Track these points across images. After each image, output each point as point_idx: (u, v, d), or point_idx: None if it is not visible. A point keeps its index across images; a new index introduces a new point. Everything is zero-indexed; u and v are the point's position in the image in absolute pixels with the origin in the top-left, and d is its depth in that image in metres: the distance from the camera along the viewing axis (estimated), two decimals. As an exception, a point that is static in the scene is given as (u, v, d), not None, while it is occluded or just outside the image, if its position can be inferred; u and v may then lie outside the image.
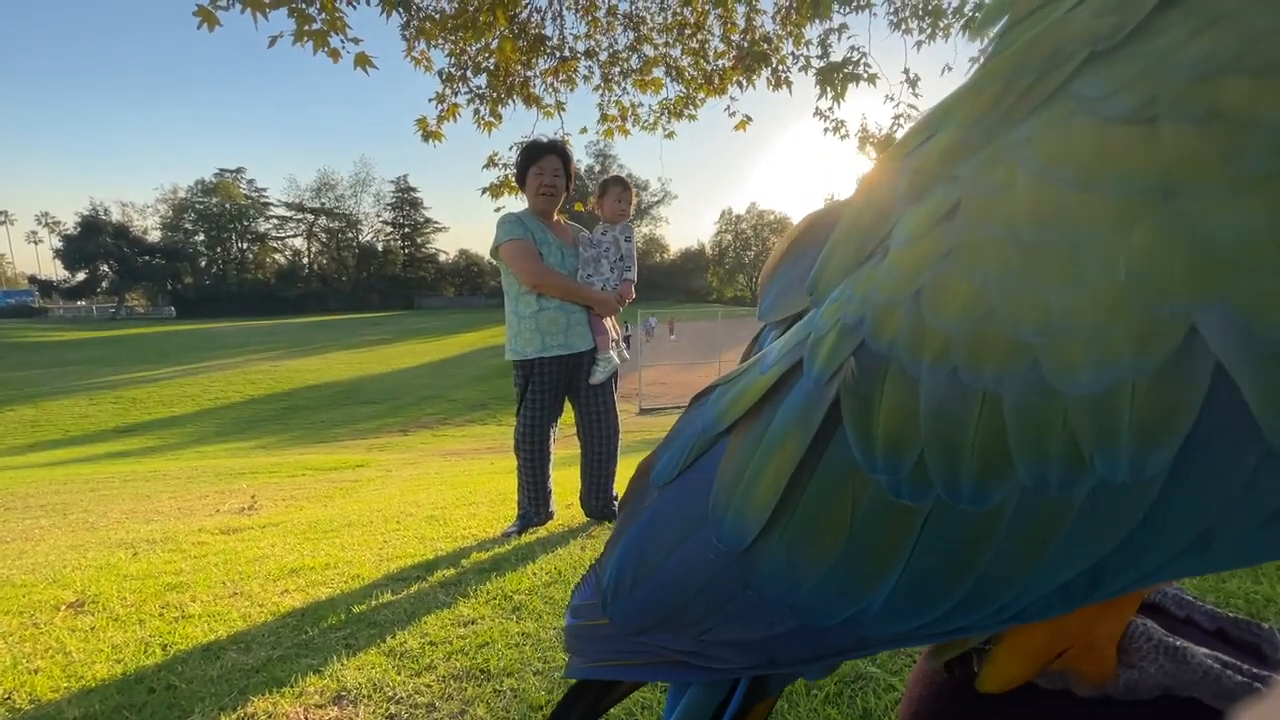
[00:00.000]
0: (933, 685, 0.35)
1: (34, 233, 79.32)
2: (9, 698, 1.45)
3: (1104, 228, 0.19)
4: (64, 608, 2.00)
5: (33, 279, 69.17)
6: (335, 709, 1.33)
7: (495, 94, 3.89)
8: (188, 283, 65.00)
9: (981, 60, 0.28)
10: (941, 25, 3.77)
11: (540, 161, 2.46)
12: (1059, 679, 0.30)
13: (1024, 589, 0.23)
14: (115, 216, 65.12)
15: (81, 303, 63.42)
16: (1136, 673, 0.29)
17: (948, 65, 3.96)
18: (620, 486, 2.72)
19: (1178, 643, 0.29)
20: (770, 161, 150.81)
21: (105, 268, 62.58)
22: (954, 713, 0.34)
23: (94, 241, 60.11)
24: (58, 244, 63.57)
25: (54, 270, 69.21)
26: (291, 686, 1.41)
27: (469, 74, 3.86)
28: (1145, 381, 0.18)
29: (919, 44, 3.84)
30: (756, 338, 0.39)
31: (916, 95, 4.01)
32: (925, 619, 0.25)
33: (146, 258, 63.38)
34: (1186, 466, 0.19)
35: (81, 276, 63.01)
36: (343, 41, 2.61)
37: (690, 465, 0.33)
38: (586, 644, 0.40)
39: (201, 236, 67.23)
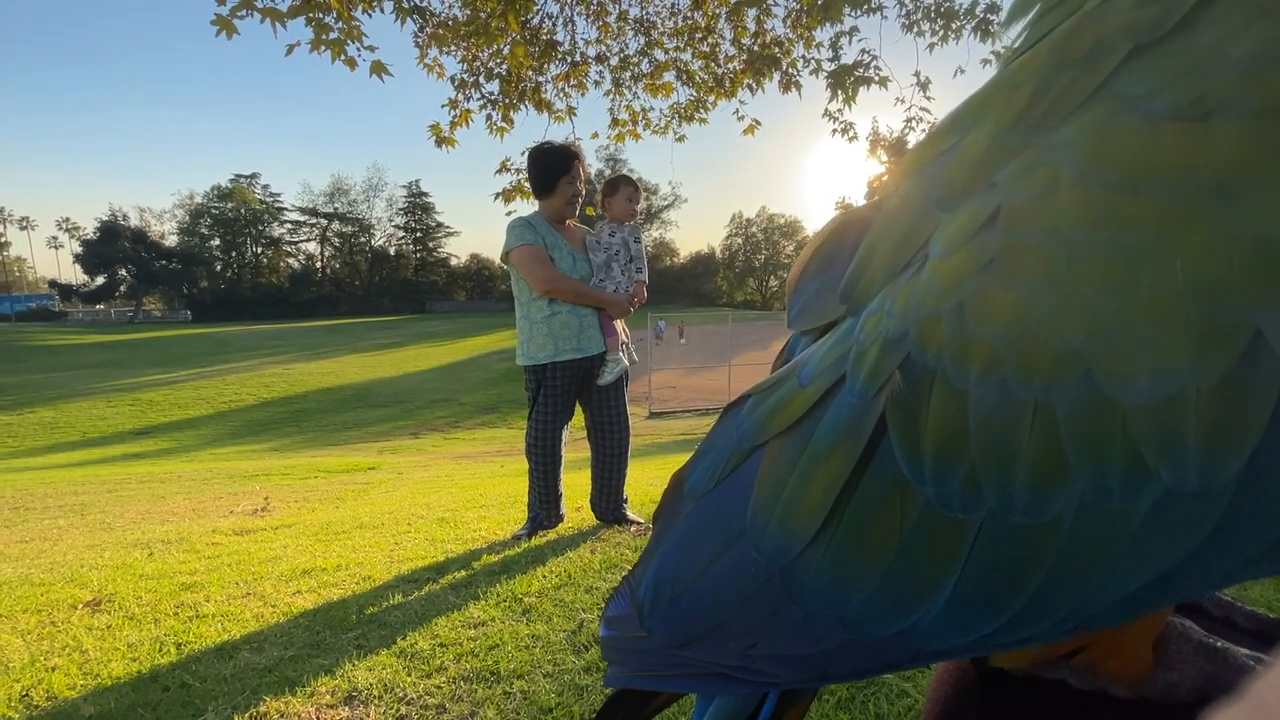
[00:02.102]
0: (959, 685, 0.35)
1: (54, 238, 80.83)
2: (27, 694, 1.47)
3: (1156, 231, 0.19)
4: (81, 606, 2.03)
5: (53, 283, 70.37)
6: (346, 709, 1.34)
7: (507, 99, 3.92)
8: (203, 287, 65.82)
9: (1012, 53, 0.27)
10: (954, 27, 3.75)
11: (573, 169, 2.45)
12: (1092, 679, 0.29)
13: (1086, 600, 0.22)
14: (133, 221, 66.17)
15: (100, 306, 64.49)
16: (1175, 674, 0.28)
17: (960, 68, 3.94)
18: (630, 489, 2.72)
19: (1218, 644, 0.28)
20: (781, 165, 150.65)
21: (123, 272, 63.52)
22: (981, 712, 0.33)
23: (113, 246, 61.06)
24: (77, 249, 64.65)
25: (74, 274, 70.46)
26: (303, 686, 1.42)
27: (481, 80, 3.89)
28: (1209, 388, 0.18)
29: (931, 46, 3.82)
30: (786, 345, 0.39)
31: (928, 98, 3.99)
32: (981, 632, 0.24)
33: (163, 262, 64.28)
34: (1261, 471, 0.18)
35: (100, 281, 63.99)
36: (359, 49, 2.64)
37: (726, 477, 0.32)
38: (625, 655, 0.39)
39: (217, 241, 68.07)
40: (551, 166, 2.48)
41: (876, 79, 3.67)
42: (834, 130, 4.07)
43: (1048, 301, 0.20)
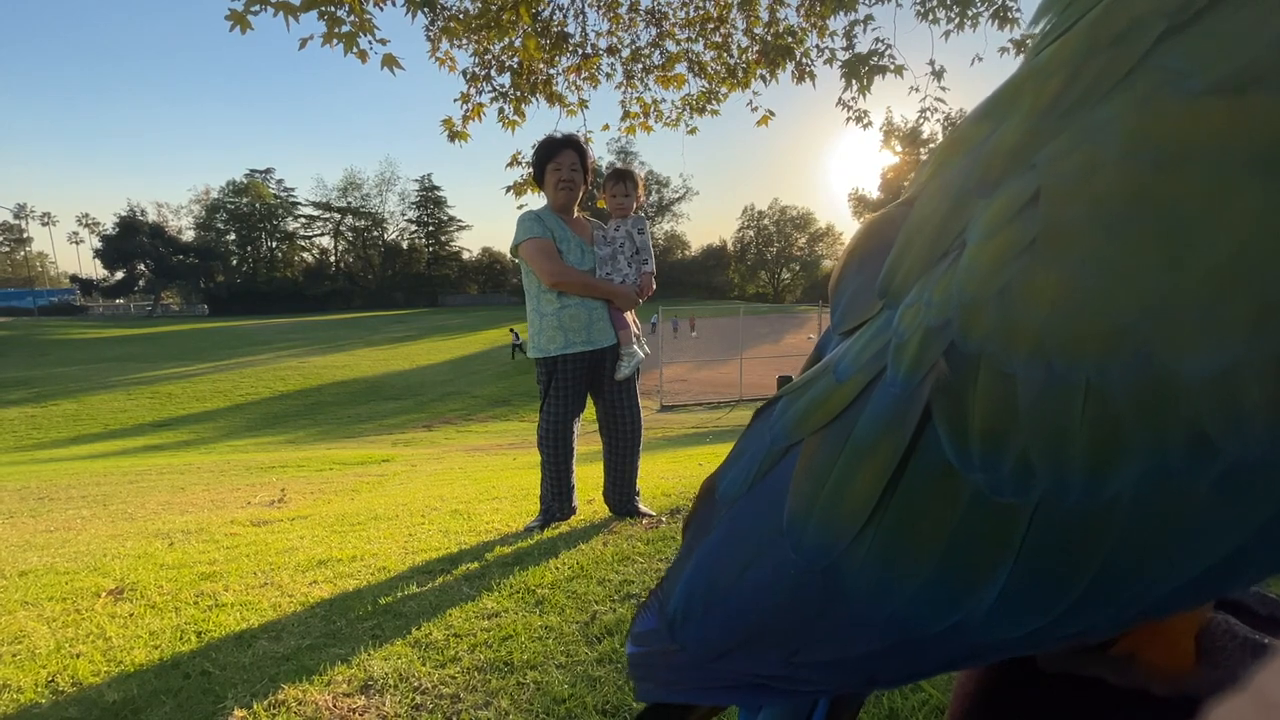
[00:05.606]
0: (988, 683, 0.34)
1: (75, 233, 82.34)
2: (53, 680, 1.50)
3: (1205, 203, 0.18)
4: (104, 595, 2.07)
5: (74, 278, 71.51)
6: (363, 698, 1.36)
7: (519, 93, 3.91)
8: (220, 281, 66.70)
9: (1041, 43, 0.27)
10: (970, 14, 3.69)
11: (557, 157, 2.48)
12: (1132, 675, 0.28)
13: (1149, 585, 0.21)
14: (151, 217, 67.25)
15: (120, 301, 65.52)
16: (1221, 672, 0.27)
17: (977, 55, 3.88)
18: (641, 482, 2.72)
19: (1266, 640, 0.27)
20: (794, 156, 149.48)
21: (142, 266, 64.47)
22: (1012, 712, 0.32)
23: (131, 241, 61.93)
24: (97, 244, 65.67)
25: (94, 269, 71.69)
26: (320, 675, 1.44)
27: (493, 73, 3.88)
28: (1271, 356, 0.17)
29: (946, 34, 3.76)
30: (818, 345, 0.38)
31: (943, 88, 3.93)
32: (1039, 622, 0.24)
33: (181, 257, 65.15)
34: None
35: (120, 275, 64.99)
36: (370, 42, 2.65)
37: (760, 479, 0.31)
38: (656, 671, 0.38)
39: (233, 236, 68.93)
40: (540, 157, 2.52)
41: (892, 68, 3.62)
42: (848, 119, 4.03)
43: (1096, 279, 0.20)
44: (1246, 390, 0.18)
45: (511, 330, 24.03)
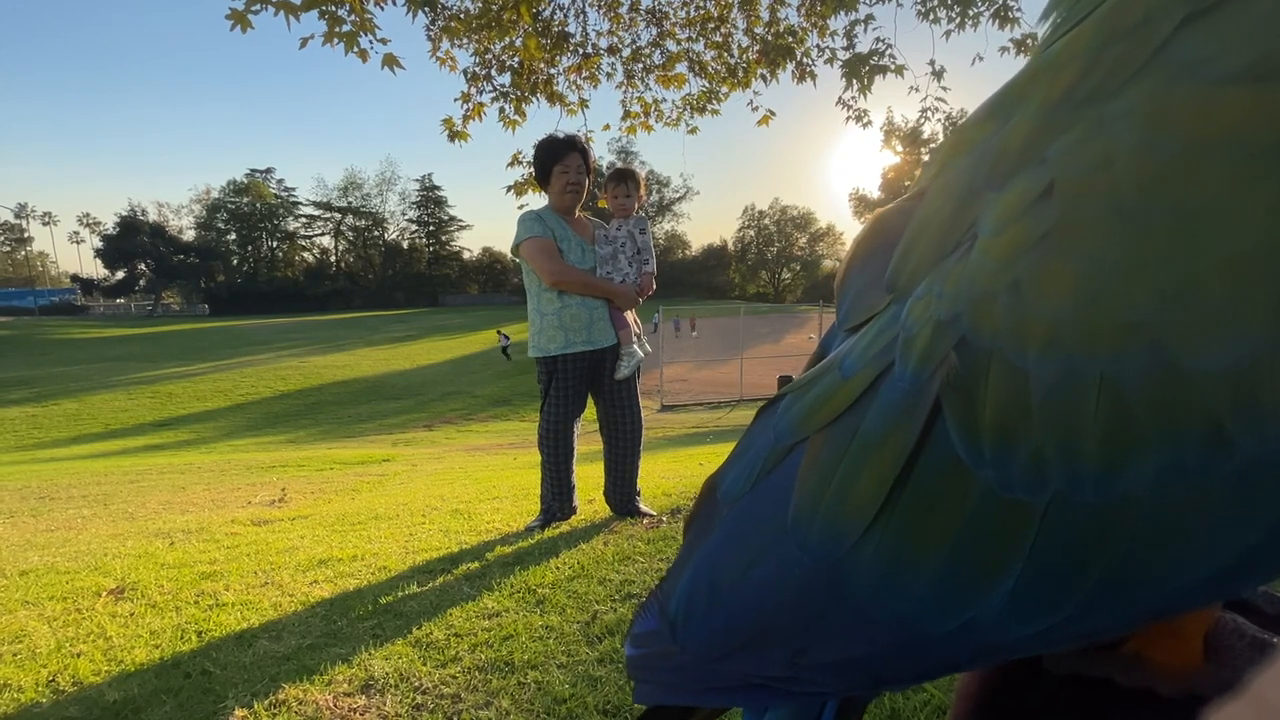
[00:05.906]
0: (994, 683, 0.34)
1: (76, 233, 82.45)
2: (53, 679, 1.50)
3: (1222, 194, 0.18)
4: (105, 594, 2.07)
5: (75, 278, 71.50)
6: (363, 697, 1.36)
7: (519, 92, 3.91)
8: (220, 280, 66.74)
9: (1050, 38, 0.26)
10: (970, 14, 3.68)
11: (564, 159, 2.47)
12: (1140, 675, 0.28)
13: (1161, 583, 0.21)
14: (152, 216, 67.34)
15: (121, 300, 65.52)
16: (1229, 671, 0.26)
17: (978, 55, 3.88)
18: (642, 482, 2.72)
19: (1274, 640, 0.27)
20: (794, 156, 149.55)
21: (143, 266, 64.51)
22: (1012, 704, 0.32)
23: (132, 241, 61.97)
24: (98, 244, 65.72)
25: (95, 269, 71.76)
26: (321, 674, 1.44)
27: (493, 73, 3.88)
28: None
29: (947, 34, 3.76)
30: (822, 342, 0.38)
31: (944, 88, 3.93)
32: (1050, 621, 0.23)
33: (181, 256, 65.19)
34: None
35: (120, 275, 65.05)
36: (371, 42, 2.65)
37: (764, 477, 0.31)
38: (656, 673, 0.38)
39: (233, 235, 68.95)
40: (546, 157, 2.51)
41: (892, 68, 3.62)
42: (848, 119, 4.03)
43: (1110, 273, 0.20)
44: (1264, 386, 0.17)
45: (499, 332, 24.06)
